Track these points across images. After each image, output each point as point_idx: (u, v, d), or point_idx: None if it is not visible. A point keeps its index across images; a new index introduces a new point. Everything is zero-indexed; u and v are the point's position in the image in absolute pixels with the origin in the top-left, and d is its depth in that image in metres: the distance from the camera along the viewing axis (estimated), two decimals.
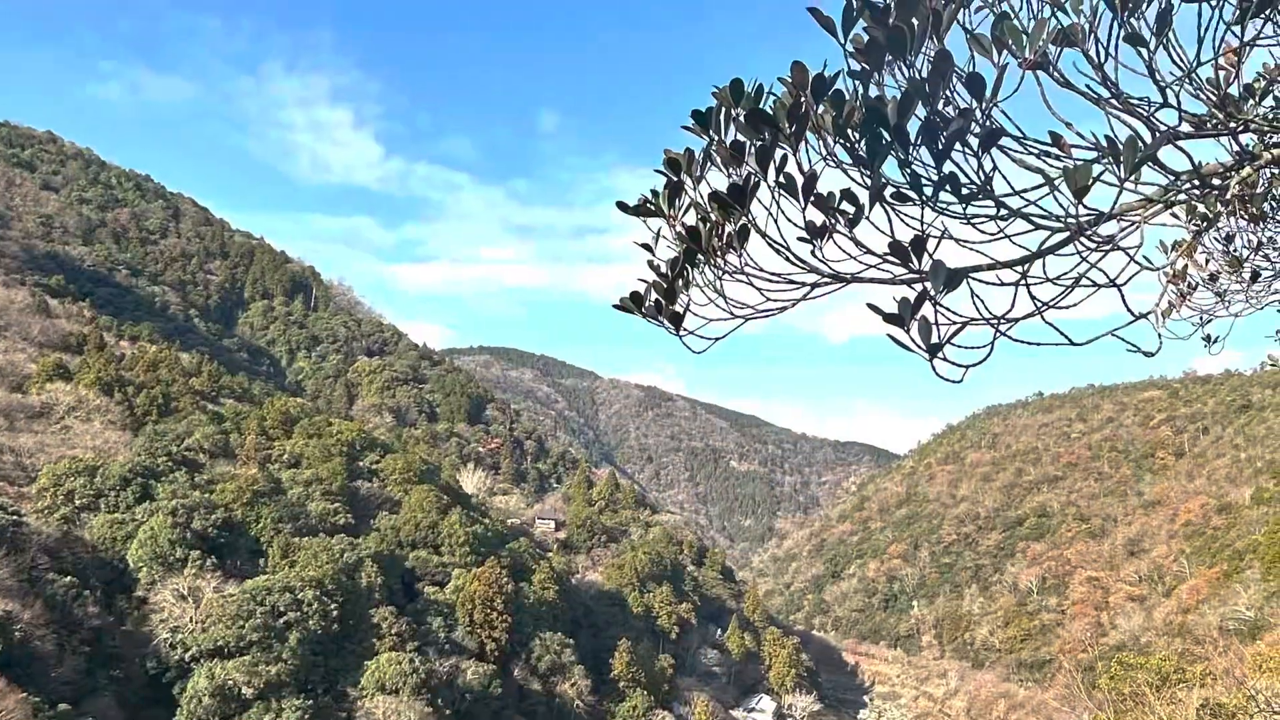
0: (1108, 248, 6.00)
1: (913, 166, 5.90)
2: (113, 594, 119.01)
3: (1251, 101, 6.75)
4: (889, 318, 5.73)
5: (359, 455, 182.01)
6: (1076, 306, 6.16)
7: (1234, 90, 6.23)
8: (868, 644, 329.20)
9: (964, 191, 5.89)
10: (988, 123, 5.78)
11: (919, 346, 5.76)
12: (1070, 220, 5.88)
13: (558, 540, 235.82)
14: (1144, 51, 5.79)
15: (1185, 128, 6.20)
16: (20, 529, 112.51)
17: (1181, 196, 6.65)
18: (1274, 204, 9.86)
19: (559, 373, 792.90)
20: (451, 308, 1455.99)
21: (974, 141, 5.77)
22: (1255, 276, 10.19)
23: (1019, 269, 6.10)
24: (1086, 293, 6.06)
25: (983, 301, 5.93)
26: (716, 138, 6.55)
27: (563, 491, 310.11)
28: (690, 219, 6.82)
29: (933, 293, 5.67)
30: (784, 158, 6.17)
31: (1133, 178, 5.66)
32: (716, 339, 7.04)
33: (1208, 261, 10.31)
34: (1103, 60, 5.86)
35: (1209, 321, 10.64)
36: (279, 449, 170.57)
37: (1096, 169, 5.60)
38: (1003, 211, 6.01)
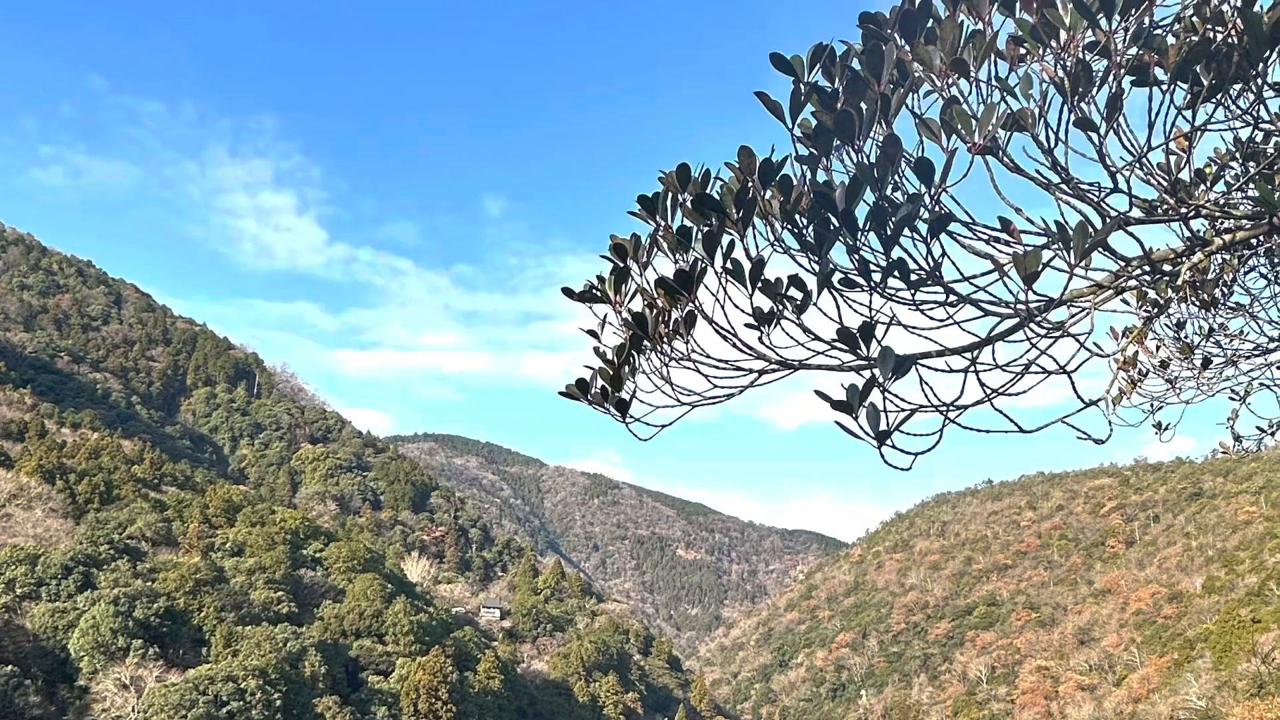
0: (1057, 334, 5.96)
1: (861, 252, 5.85)
2: (54, 683, 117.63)
3: (1203, 186, 6.77)
4: (837, 404, 5.66)
5: (302, 543, 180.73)
6: (1026, 393, 6.10)
7: (1185, 175, 6.23)
8: None
9: (913, 277, 5.84)
10: (936, 208, 5.74)
11: (867, 434, 5.69)
12: (1020, 306, 5.84)
13: (503, 629, 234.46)
14: (1094, 136, 5.78)
15: (1136, 213, 6.19)
16: None
17: (1132, 282, 6.65)
18: (1225, 290, 9.91)
19: (504, 460, 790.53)
20: (395, 394, 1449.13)
21: (923, 227, 5.72)
22: (1207, 363, 10.22)
23: (968, 355, 6.05)
24: (1036, 379, 6.01)
25: (931, 388, 5.88)
26: (663, 223, 6.50)
27: (508, 580, 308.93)
28: (637, 305, 6.74)
29: (881, 379, 5.61)
30: (731, 243, 6.11)
31: (1083, 263, 5.62)
32: (663, 426, 6.95)
33: (1159, 348, 10.33)
34: (1053, 145, 5.84)
35: (1160, 408, 10.64)
36: (222, 537, 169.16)
37: (1046, 255, 5.57)
38: (952, 298, 5.96)
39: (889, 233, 5.67)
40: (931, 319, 6.03)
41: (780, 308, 6.05)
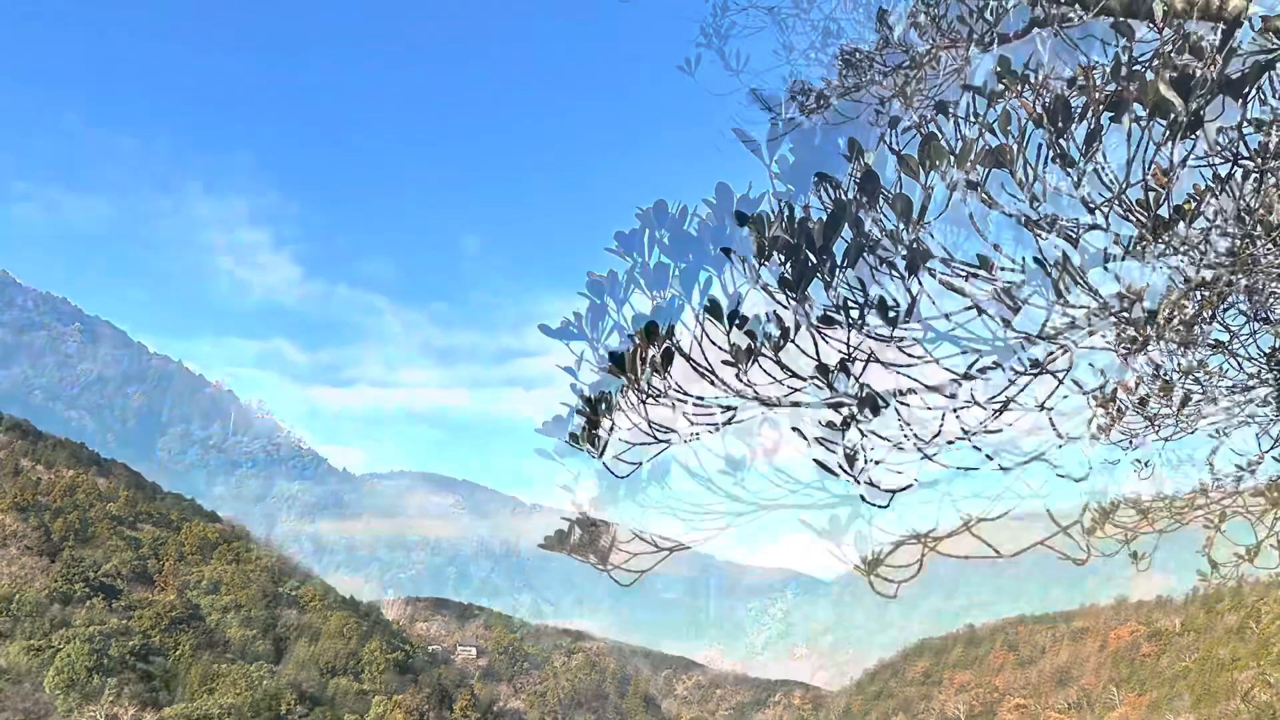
0: (1036, 371, 5.93)
1: (839, 289, 5.82)
2: None
3: (1182, 223, 6.75)
4: (815, 441, 5.63)
5: (279, 581, 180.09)
6: (1004, 431, 6.08)
7: (1164, 212, 6.21)
8: None
9: (891, 314, 5.81)
10: (915, 244, 5.71)
11: (845, 470, 5.66)
12: (998, 343, 5.81)
13: (479, 667, 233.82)
14: (1073, 172, 5.75)
15: (1114, 249, 6.17)
16: None
17: (1110, 319, 6.62)
18: (1204, 327, 9.89)
19: (481, 497, 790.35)
20: (372, 430, 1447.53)
21: (901, 264, 5.70)
22: (1186, 401, 10.19)
23: (947, 393, 6.02)
24: (1014, 416, 5.98)
25: (909, 425, 5.85)
26: (640, 260, 6.46)
27: (484, 618, 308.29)
28: (614, 342, 6.70)
29: (859, 416, 5.58)
30: (708, 280, 6.08)
31: (1061, 300, 5.60)
32: (640, 463, 6.90)
33: (1137, 385, 10.29)
34: (1031, 181, 5.81)
35: (1138, 445, 10.60)
36: (198, 575, 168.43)
37: (1025, 291, 5.54)
38: (930, 334, 5.93)
39: (867, 270, 5.65)
40: (910, 356, 6.00)
41: (758, 345, 6.01)
